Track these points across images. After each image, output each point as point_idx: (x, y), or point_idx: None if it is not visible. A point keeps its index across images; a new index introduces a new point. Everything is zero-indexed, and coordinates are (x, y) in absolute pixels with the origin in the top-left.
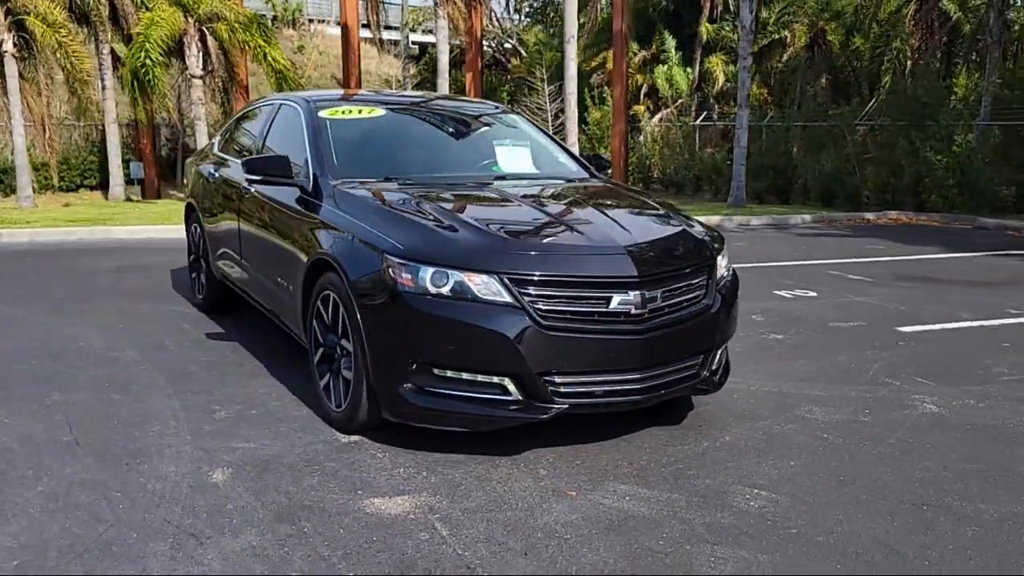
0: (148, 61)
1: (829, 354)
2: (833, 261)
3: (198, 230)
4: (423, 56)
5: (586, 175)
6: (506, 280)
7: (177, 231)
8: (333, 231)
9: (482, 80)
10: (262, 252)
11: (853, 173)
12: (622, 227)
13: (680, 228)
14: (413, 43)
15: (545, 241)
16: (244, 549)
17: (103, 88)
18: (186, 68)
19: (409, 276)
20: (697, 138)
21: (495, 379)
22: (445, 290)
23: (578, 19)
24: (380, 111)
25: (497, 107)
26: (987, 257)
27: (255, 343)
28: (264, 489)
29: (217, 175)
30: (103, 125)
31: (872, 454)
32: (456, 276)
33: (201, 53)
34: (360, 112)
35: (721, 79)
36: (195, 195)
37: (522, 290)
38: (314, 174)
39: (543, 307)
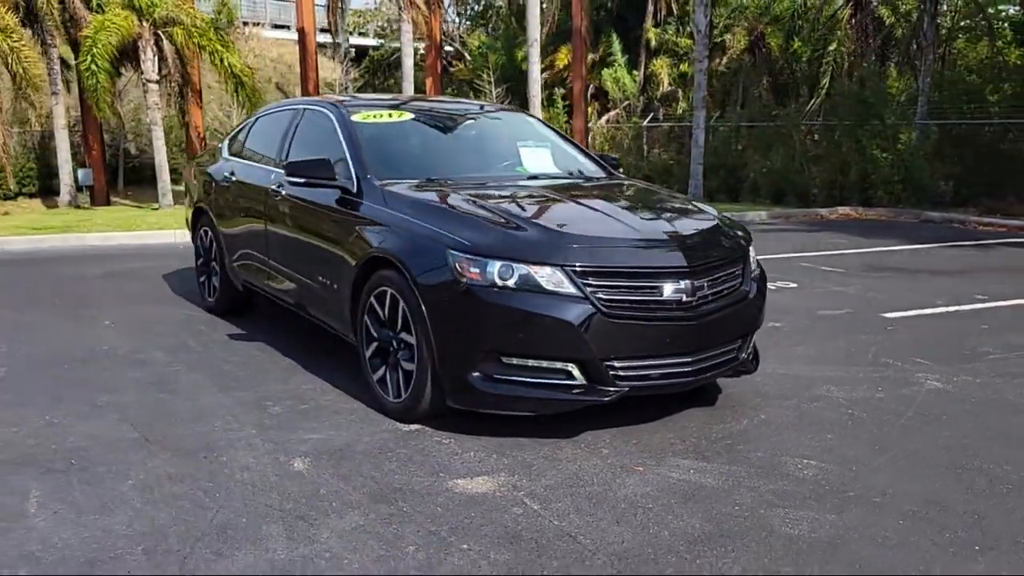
0: (94, 67)
1: (827, 339)
2: (802, 254)
3: (209, 234)
4: (362, 59)
5: (604, 173)
6: (569, 271)
7: (150, 237)
8: (387, 230)
9: (441, 82)
10: (297, 253)
11: (801, 171)
12: (665, 221)
13: (715, 222)
14: (350, 46)
15: (601, 235)
16: (354, 528)
17: (53, 93)
18: (141, 73)
19: (477, 270)
20: (645, 139)
21: (559, 365)
22: (511, 283)
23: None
24: (408, 115)
25: (510, 109)
26: (941, 248)
27: (280, 342)
28: (349, 475)
29: (234, 179)
30: (43, 131)
31: (897, 426)
32: (522, 269)
33: (157, 57)
34: (390, 116)
35: (666, 81)
36: (205, 199)
37: (584, 281)
38: (357, 176)
39: (604, 296)
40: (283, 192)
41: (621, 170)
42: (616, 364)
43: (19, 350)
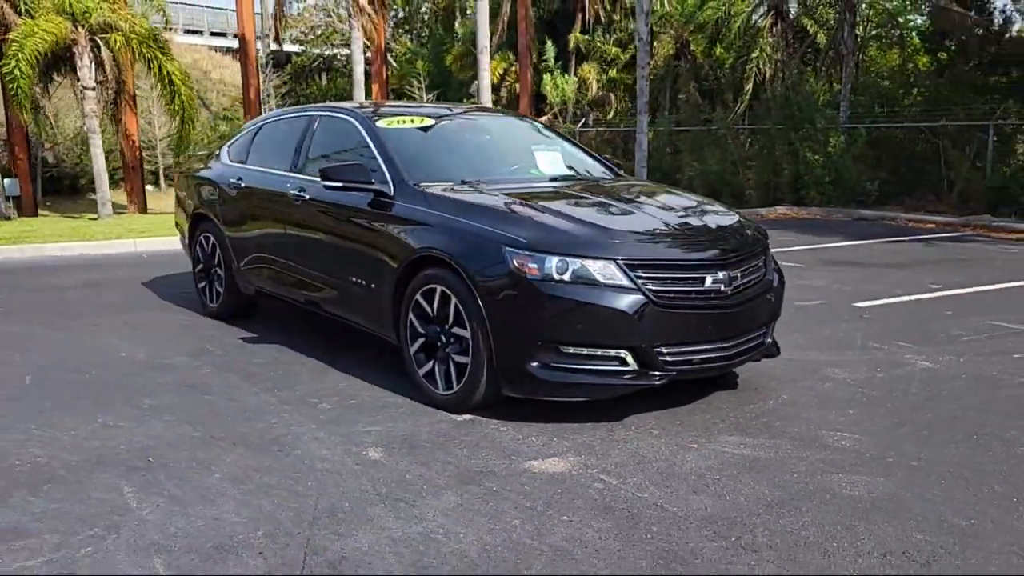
0: (17, 72)
1: (814, 327)
2: None
3: (211, 240)
4: (281, 66)
5: (612, 174)
6: (622, 265)
7: (109, 247)
8: (432, 229)
9: (388, 89)
10: (324, 255)
11: (736, 173)
12: (695, 217)
13: (736, 217)
14: (271, 53)
15: (644, 230)
16: (454, 506)
17: None
18: (77, 79)
19: (535, 266)
20: (579, 142)
21: (613, 352)
22: (567, 276)
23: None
24: (428, 120)
25: (512, 114)
26: (882, 243)
27: (297, 342)
28: (426, 461)
29: (243, 185)
30: None
31: (905, 402)
32: (576, 264)
33: (93, 64)
34: (413, 122)
35: (595, 86)
36: (207, 205)
37: (635, 273)
38: (392, 179)
39: (653, 287)
40: (306, 196)
41: (622, 171)
42: (664, 350)
43: (32, 359)
